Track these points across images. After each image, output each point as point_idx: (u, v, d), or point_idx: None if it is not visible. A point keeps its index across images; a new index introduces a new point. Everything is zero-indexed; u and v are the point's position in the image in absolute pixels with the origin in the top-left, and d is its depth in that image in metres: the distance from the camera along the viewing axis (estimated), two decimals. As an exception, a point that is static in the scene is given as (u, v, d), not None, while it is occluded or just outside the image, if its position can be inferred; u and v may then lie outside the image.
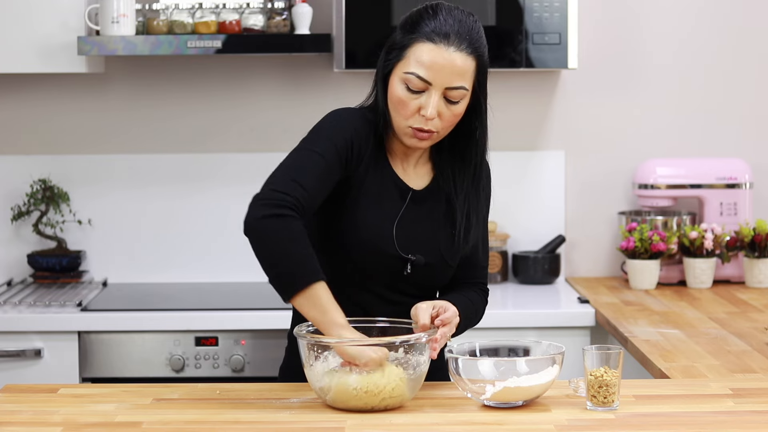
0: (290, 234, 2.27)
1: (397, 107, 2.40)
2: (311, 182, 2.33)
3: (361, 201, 2.44)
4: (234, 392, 2.42)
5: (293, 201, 2.29)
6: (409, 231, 2.47)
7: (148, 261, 4.02)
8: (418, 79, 2.37)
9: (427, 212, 2.50)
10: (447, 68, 2.37)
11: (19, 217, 3.93)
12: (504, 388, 2.25)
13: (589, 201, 4.07)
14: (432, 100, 2.37)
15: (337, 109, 2.50)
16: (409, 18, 2.44)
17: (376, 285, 2.48)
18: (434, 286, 2.55)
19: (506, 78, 4.00)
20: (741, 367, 2.77)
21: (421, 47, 2.38)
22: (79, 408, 2.30)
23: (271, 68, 4.00)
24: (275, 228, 2.27)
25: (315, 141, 2.40)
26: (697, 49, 4.05)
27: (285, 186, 2.31)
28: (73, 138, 4.00)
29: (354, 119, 2.45)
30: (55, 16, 3.66)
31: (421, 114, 2.38)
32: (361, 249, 2.44)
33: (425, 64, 2.37)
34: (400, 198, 2.48)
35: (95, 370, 3.51)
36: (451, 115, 2.41)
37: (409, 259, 2.46)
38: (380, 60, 2.45)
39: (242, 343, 3.50)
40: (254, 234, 2.29)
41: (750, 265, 3.85)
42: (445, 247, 2.50)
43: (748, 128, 4.07)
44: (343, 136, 2.41)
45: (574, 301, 3.66)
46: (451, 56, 2.37)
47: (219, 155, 4.01)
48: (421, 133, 2.40)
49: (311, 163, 2.35)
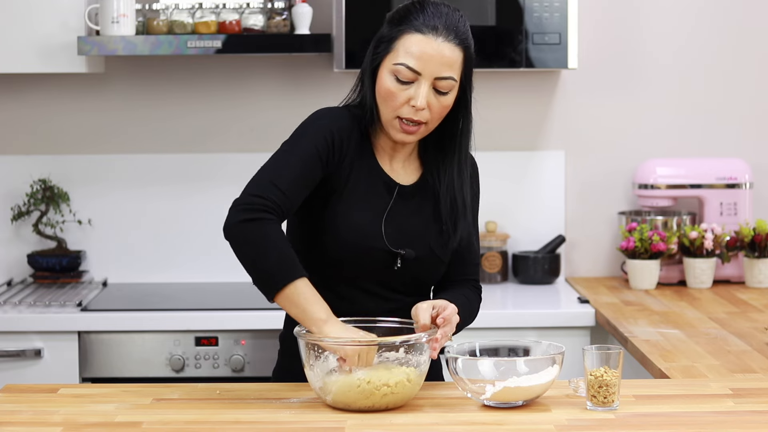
0: (267, 236, 2.33)
1: (387, 99, 2.43)
2: (288, 184, 2.38)
3: (346, 198, 2.47)
4: (234, 392, 2.42)
5: (270, 204, 2.35)
6: (398, 226, 2.49)
7: (148, 261, 4.02)
8: (407, 70, 2.40)
9: (415, 207, 2.52)
10: (436, 58, 2.40)
11: (19, 217, 3.93)
12: (504, 388, 2.25)
13: (589, 201, 4.07)
14: (422, 90, 2.40)
15: (319, 108, 2.53)
16: (396, 12, 2.48)
17: (367, 282, 2.49)
18: (426, 281, 2.56)
19: (506, 78, 4.00)
20: (741, 367, 2.77)
21: (410, 38, 2.41)
22: (79, 408, 2.30)
23: (271, 68, 4.00)
24: (252, 231, 2.34)
25: (294, 142, 2.45)
26: (697, 49, 4.05)
27: (262, 189, 2.37)
28: (73, 138, 4.00)
29: (335, 117, 2.49)
30: (55, 16, 3.66)
31: (411, 104, 2.41)
32: (350, 245, 2.46)
33: (415, 54, 2.40)
34: (387, 193, 2.50)
35: (95, 370, 3.51)
36: (440, 106, 2.43)
37: (398, 254, 2.47)
38: (368, 54, 2.48)
39: (242, 343, 3.50)
40: (233, 238, 2.36)
41: (750, 265, 3.85)
42: (436, 242, 2.52)
43: (748, 128, 4.07)
44: (323, 134, 2.44)
45: (574, 301, 3.66)
46: (440, 46, 2.40)
47: (219, 155, 4.01)
48: (409, 126, 2.43)
49: (289, 164, 2.40)
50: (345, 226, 2.46)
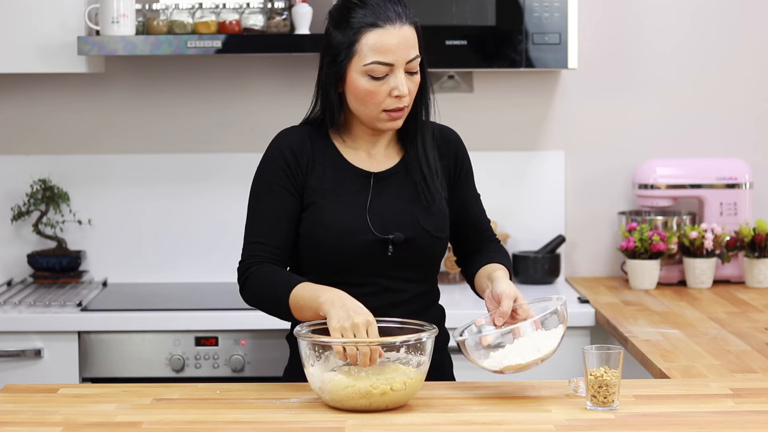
0: (257, 284, 2.50)
1: (367, 100, 2.47)
2: (267, 232, 2.52)
3: (321, 202, 2.53)
4: (234, 392, 2.42)
5: (255, 260, 2.51)
6: (383, 213, 2.53)
7: (148, 261, 4.02)
8: (381, 66, 2.45)
9: (397, 191, 2.56)
10: (402, 45, 2.45)
11: (19, 217, 3.93)
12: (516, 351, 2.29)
13: (589, 201, 4.07)
14: (400, 78, 2.46)
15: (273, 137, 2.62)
16: (336, 17, 2.51)
17: (369, 275, 2.52)
18: (428, 262, 2.59)
19: (506, 78, 4.00)
20: (741, 367, 2.77)
21: (370, 36, 2.45)
22: (79, 408, 2.30)
23: (271, 68, 4.00)
24: (248, 290, 2.53)
25: (257, 188, 2.57)
26: (697, 49, 4.05)
27: (246, 252, 2.54)
28: (73, 138, 4.00)
29: (281, 140, 2.58)
30: (55, 16, 3.66)
31: (395, 94, 2.46)
32: (339, 245, 2.50)
33: (382, 49, 2.44)
34: (363, 185, 2.54)
35: (95, 370, 3.51)
36: (414, 85, 2.50)
37: (387, 239, 2.49)
38: (324, 66, 2.52)
39: (242, 343, 3.50)
40: (246, 301, 2.56)
41: (750, 265, 3.85)
42: (425, 219, 2.54)
43: (748, 128, 4.07)
44: (276, 164, 2.54)
45: (574, 301, 3.66)
46: (400, 32, 2.45)
47: (219, 155, 4.01)
48: (395, 113, 2.48)
49: (260, 214, 2.53)
50: (329, 228, 2.51)
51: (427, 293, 2.62)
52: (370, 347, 2.24)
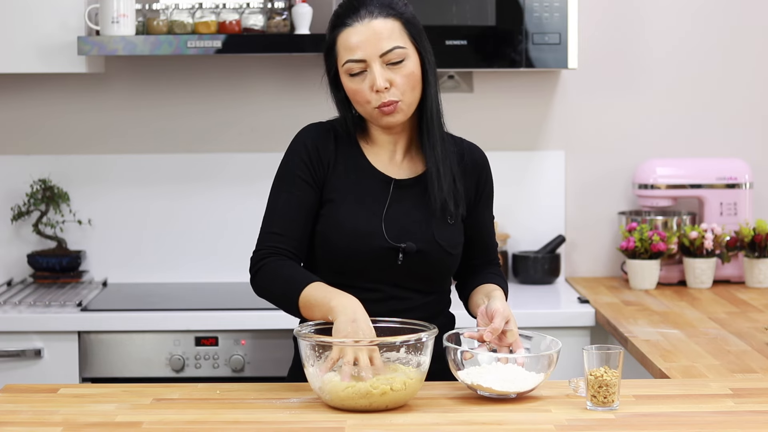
0: (269, 276, 2.48)
1: (356, 98, 2.49)
2: (284, 223, 2.51)
3: (339, 200, 2.51)
4: (234, 392, 2.42)
5: (267, 252, 2.49)
6: (399, 221, 2.52)
7: (148, 261, 4.02)
8: (353, 63, 2.46)
9: (416, 200, 2.54)
10: (370, 38, 2.44)
11: (19, 217, 3.93)
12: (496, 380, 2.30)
13: (589, 201, 4.07)
14: (375, 72, 2.44)
15: (299, 130, 2.60)
16: (330, 20, 2.54)
17: (376, 281, 2.51)
18: (436, 276, 2.58)
19: (506, 78, 4.00)
20: (741, 367, 2.77)
21: (342, 35, 2.47)
22: (79, 408, 2.30)
23: (271, 68, 4.00)
24: (259, 281, 2.51)
25: (280, 178, 2.55)
26: (697, 49, 4.05)
27: (262, 242, 2.52)
28: (73, 138, 4.00)
29: (305, 134, 2.57)
30: (55, 16, 3.66)
31: (374, 90, 2.45)
32: (350, 246, 2.49)
33: (351, 46, 2.45)
34: (382, 190, 2.53)
35: (95, 370, 3.51)
36: (403, 77, 2.47)
37: (399, 248, 2.48)
38: (325, 68, 2.55)
39: (242, 343, 3.50)
40: (255, 291, 2.54)
41: (750, 265, 3.85)
42: (440, 233, 2.53)
43: (748, 128, 4.07)
44: (299, 158, 2.53)
45: (574, 301, 3.66)
46: (368, 26, 2.45)
47: (219, 155, 4.01)
48: (385, 107, 2.46)
49: (279, 205, 2.52)
50: (343, 229, 2.50)
51: (434, 303, 2.61)
52: (370, 353, 2.25)
